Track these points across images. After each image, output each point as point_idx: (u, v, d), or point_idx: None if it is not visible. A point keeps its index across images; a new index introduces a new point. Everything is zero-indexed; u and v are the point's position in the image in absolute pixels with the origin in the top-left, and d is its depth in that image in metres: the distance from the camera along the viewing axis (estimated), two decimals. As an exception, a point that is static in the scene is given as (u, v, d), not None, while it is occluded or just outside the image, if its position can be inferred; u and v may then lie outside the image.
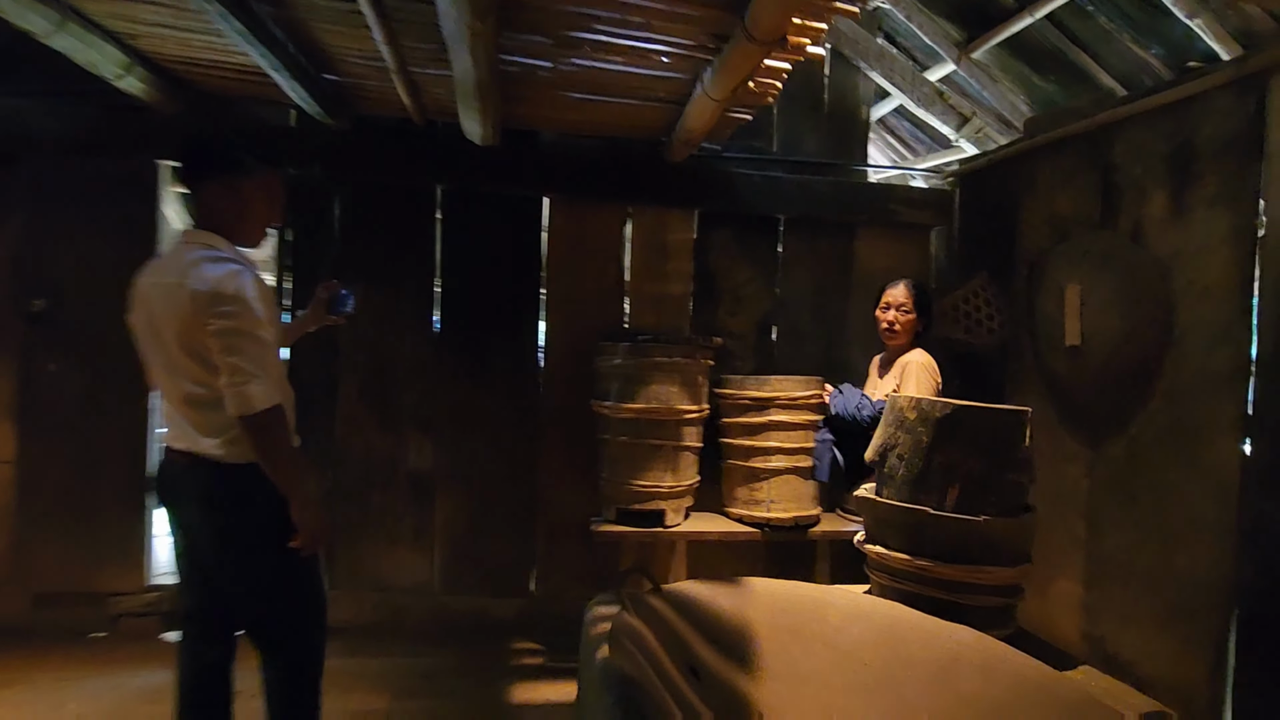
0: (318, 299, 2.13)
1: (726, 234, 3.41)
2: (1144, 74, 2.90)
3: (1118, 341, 2.36)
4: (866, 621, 1.65)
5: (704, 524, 2.99)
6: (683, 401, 2.86)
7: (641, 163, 3.28)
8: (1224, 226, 2.14)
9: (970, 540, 1.75)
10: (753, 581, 1.75)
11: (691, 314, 3.39)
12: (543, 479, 3.31)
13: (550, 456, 3.30)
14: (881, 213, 3.39)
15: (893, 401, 1.95)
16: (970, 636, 1.59)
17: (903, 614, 1.71)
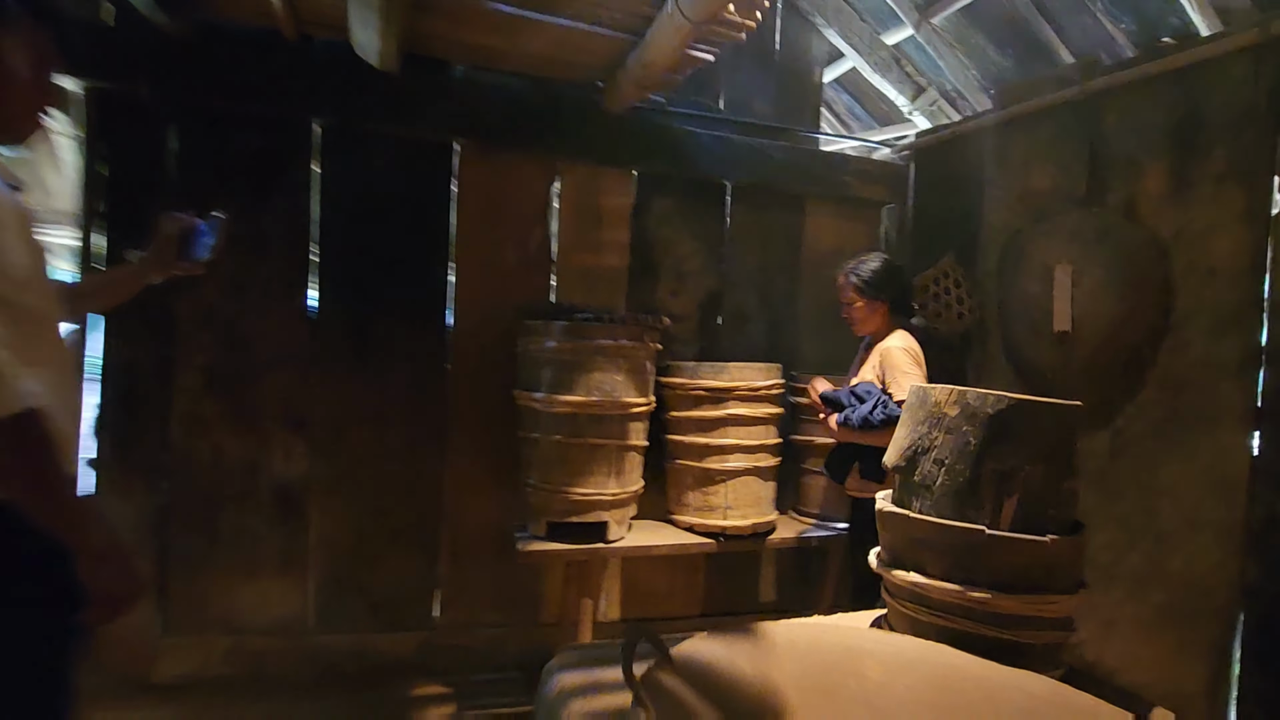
0: (162, 236, 1.47)
1: (668, 201, 2.98)
2: (1105, 52, 2.78)
3: (1112, 327, 2.18)
4: (913, 673, 1.30)
5: (650, 535, 2.56)
6: (629, 393, 2.41)
7: (575, 110, 2.77)
8: (1235, 205, 1.98)
9: (1032, 565, 1.44)
10: (772, 630, 1.36)
11: (627, 291, 2.93)
12: (449, 486, 2.73)
13: (459, 458, 2.73)
14: (834, 185, 3.10)
15: (922, 394, 1.60)
16: (1044, 687, 1.28)
17: (955, 660, 1.37)
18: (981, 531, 1.44)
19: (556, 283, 2.85)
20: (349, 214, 2.60)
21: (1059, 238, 2.33)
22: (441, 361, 2.73)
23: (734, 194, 3.06)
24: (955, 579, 1.46)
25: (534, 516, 2.43)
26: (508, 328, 2.69)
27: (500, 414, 2.68)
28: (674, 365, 2.63)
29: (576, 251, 2.87)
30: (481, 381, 2.72)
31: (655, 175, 2.94)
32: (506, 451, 2.70)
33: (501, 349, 2.70)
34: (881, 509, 1.59)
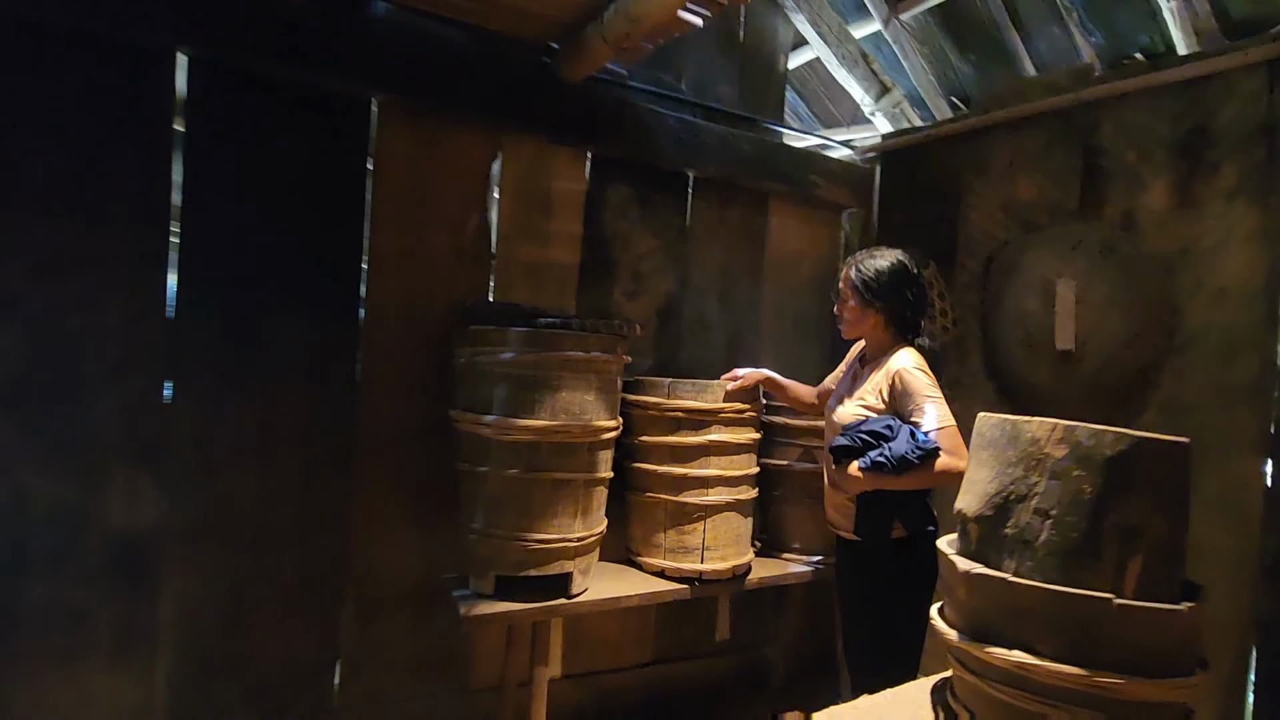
0: None
1: (626, 190, 2.59)
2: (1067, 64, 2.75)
3: (1117, 347, 2.07)
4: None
5: (615, 584, 2.15)
6: (600, 414, 1.99)
7: (524, 74, 2.31)
8: (1247, 223, 1.92)
9: (1162, 640, 1.21)
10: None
11: (578, 291, 2.51)
12: (357, 529, 2.16)
13: (371, 495, 2.17)
14: (800, 184, 2.85)
15: (1011, 429, 1.34)
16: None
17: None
18: (1109, 601, 1.18)
19: (495, 279, 2.37)
20: (226, 180, 1.98)
21: (1058, 250, 2.21)
22: (349, 372, 2.16)
23: (696, 187, 2.72)
24: (1073, 659, 1.19)
25: (478, 569, 1.95)
26: (440, 333, 2.18)
27: (427, 439, 2.18)
28: (644, 382, 2.24)
29: (520, 243, 2.40)
30: (403, 399, 2.19)
31: (613, 159, 2.54)
32: (435, 486, 2.19)
33: (430, 359, 2.19)
34: (969, 570, 1.30)
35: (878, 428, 1.82)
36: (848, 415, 1.94)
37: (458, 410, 1.98)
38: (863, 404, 1.95)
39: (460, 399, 2.01)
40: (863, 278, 1.98)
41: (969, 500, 1.37)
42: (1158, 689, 1.17)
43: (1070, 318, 2.11)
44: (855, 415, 1.92)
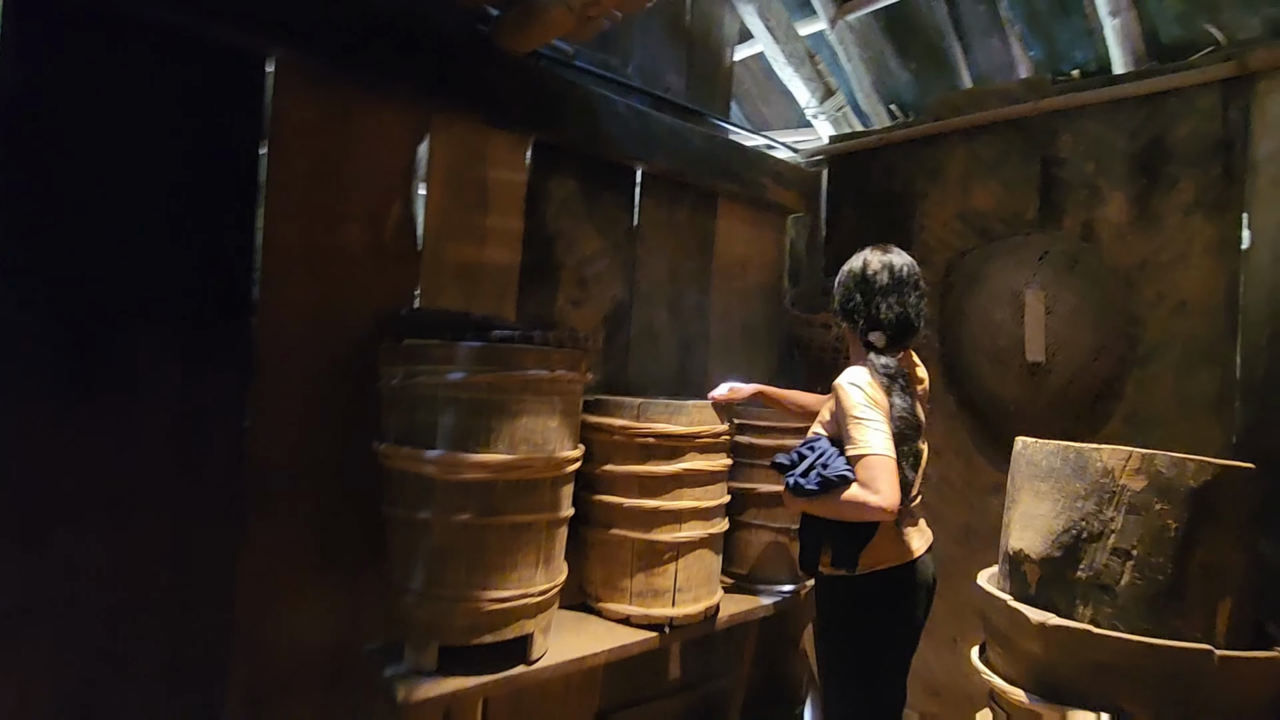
0: None
1: (571, 184, 2.30)
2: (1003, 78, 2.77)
3: (1086, 358, 2.05)
4: None
5: (576, 640, 1.84)
6: (564, 443, 1.69)
7: (459, 42, 1.96)
8: (1205, 237, 1.95)
9: (1263, 693, 1.11)
10: None
11: (518, 298, 2.18)
12: (247, 592, 1.72)
13: (266, 554, 1.74)
14: (750, 185, 2.68)
15: (1077, 458, 1.20)
16: None
17: None
18: (1209, 653, 1.06)
19: (422, 282, 2.00)
20: (63, 153, 1.49)
21: (1024, 260, 2.18)
22: (237, 400, 1.71)
23: (644, 183, 2.48)
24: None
25: (418, 639, 1.58)
26: (358, 348, 1.79)
27: (340, 480, 1.78)
28: (608, 402, 1.96)
29: (452, 240, 2.05)
30: (308, 431, 1.78)
31: (557, 147, 2.24)
32: (351, 536, 1.80)
33: (344, 380, 1.80)
34: (1044, 622, 1.15)
35: (803, 447, 1.66)
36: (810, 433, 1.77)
37: (388, 444, 1.61)
38: (821, 423, 1.74)
39: (390, 430, 1.63)
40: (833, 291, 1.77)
41: (1030, 539, 1.22)
42: None
43: (1040, 329, 2.07)
44: (812, 433, 1.74)
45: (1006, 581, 1.29)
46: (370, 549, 1.77)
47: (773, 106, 3.42)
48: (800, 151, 2.91)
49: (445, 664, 1.59)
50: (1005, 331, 2.16)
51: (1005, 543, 1.31)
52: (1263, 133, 1.87)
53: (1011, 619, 1.19)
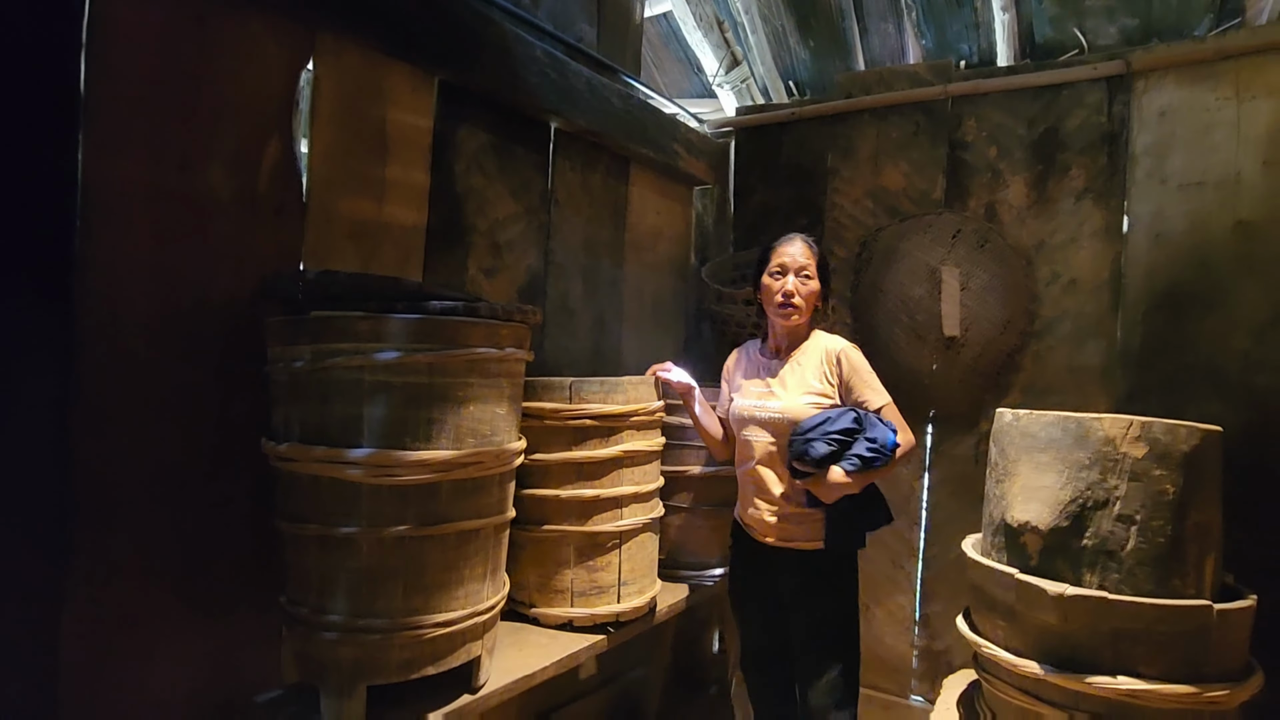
0: None
1: (482, 135, 2.00)
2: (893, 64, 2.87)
3: (993, 332, 2.18)
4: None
5: (516, 655, 1.62)
6: (512, 434, 1.46)
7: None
8: (1093, 221, 2.13)
9: (1244, 639, 1.17)
10: None
11: (425, 263, 1.87)
12: (77, 638, 1.30)
13: (100, 593, 1.32)
14: (664, 152, 2.54)
15: (1078, 428, 1.20)
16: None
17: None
18: (1210, 609, 1.11)
19: (308, 242, 1.62)
20: None
21: (939, 239, 2.25)
22: (54, 392, 1.27)
23: (559, 142, 2.24)
24: (1179, 677, 1.10)
25: (339, 681, 1.28)
26: (226, 323, 1.42)
27: (205, 490, 1.40)
28: (536, 384, 1.74)
29: (345, 192, 1.69)
30: (159, 432, 1.37)
31: (467, 91, 1.93)
32: (221, 561, 1.43)
33: (207, 364, 1.42)
34: (1062, 594, 1.14)
35: (846, 424, 1.62)
36: (798, 408, 1.73)
37: (290, 444, 1.27)
38: (813, 393, 1.76)
39: (291, 425, 1.29)
40: (823, 258, 1.82)
41: (1037, 510, 1.22)
42: (1250, 688, 1.14)
43: (956, 305, 2.16)
44: (809, 407, 1.73)
45: (1000, 554, 1.29)
46: (251, 576, 1.42)
47: (669, 74, 3.30)
48: (707, 122, 2.82)
49: (374, 706, 1.30)
50: (923, 307, 2.23)
51: (999, 514, 1.31)
52: (1140, 128, 2.08)
53: (1020, 591, 1.18)
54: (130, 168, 1.34)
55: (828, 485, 1.61)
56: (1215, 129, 1.98)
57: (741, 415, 1.85)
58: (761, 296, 1.87)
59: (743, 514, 1.89)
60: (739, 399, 1.88)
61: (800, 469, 1.66)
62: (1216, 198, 1.96)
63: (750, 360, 1.95)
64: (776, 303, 1.82)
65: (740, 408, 1.86)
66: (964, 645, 2.29)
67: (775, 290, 1.82)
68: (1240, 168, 1.94)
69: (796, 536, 1.76)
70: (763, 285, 1.86)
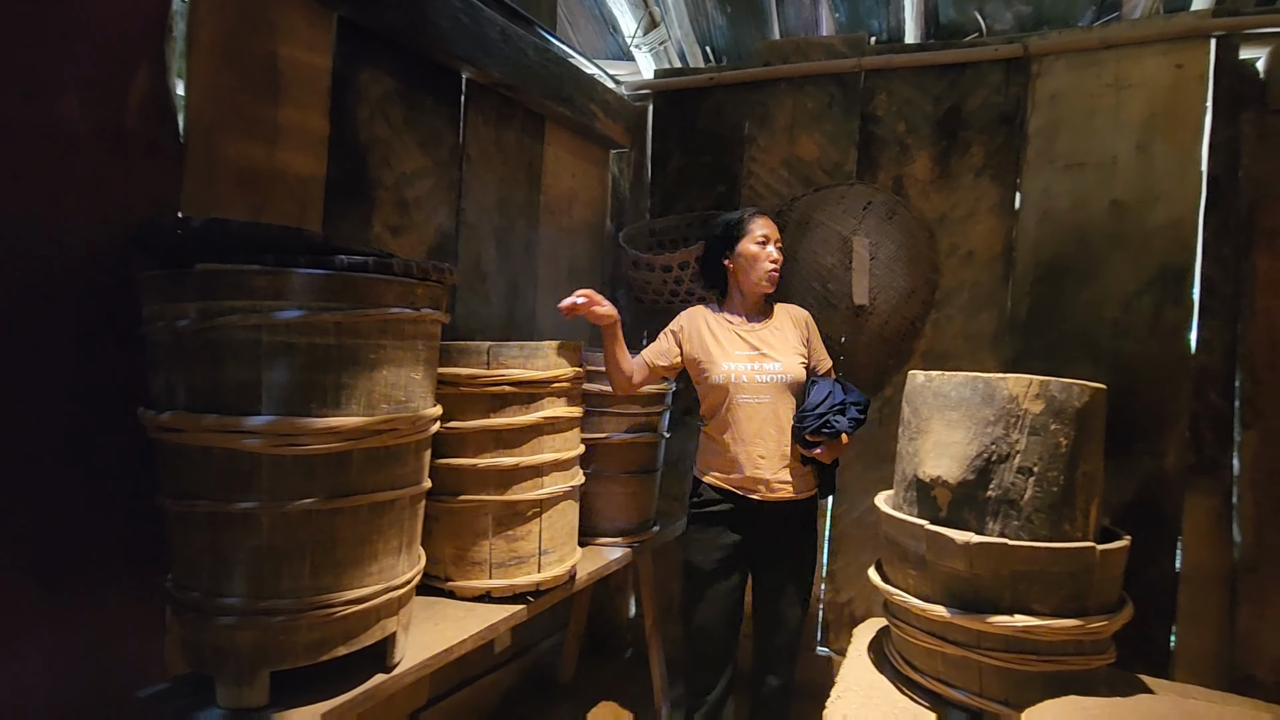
0: None
1: (387, 81, 1.86)
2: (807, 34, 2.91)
3: (899, 300, 2.27)
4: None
5: (433, 629, 1.56)
6: (428, 399, 1.38)
7: None
8: (990, 197, 2.26)
9: (1118, 576, 1.28)
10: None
11: (324, 217, 1.72)
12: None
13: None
14: (581, 111, 2.45)
15: (986, 387, 1.27)
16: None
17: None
18: (1093, 550, 1.21)
19: (188, 187, 1.45)
20: None
21: (851, 209, 2.31)
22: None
23: (470, 94, 2.11)
24: (1067, 612, 1.20)
25: (239, 668, 1.17)
26: (84, 276, 1.25)
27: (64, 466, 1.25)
28: (452, 348, 1.65)
29: (230, 134, 1.52)
30: (10, 401, 1.19)
31: (370, 31, 1.78)
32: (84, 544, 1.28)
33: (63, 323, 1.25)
34: (969, 542, 1.21)
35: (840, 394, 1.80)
36: (795, 368, 1.87)
37: (174, 412, 1.14)
38: (799, 355, 1.92)
39: (175, 391, 1.15)
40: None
41: (947, 465, 1.28)
42: (1122, 619, 1.26)
43: (866, 274, 2.24)
44: (800, 368, 1.89)
45: (912, 507, 1.36)
46: (124, 561, 1.28)
47: (584, 33, 3.19)
48: (624, 84, 2.75)
49: (278, 692, 1.21)
50: (835, 276, 2.30)
51: (911, 471, 1.37)
52: (1034, 110, 2.21)
53: (931, 541, 1.25)
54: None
55: (839, 449, 1.79)
56: (1097, 114, 2.14)
57: (736, 380, 1.85)
58: (737, 264, 1.92)
59: (733, 477, 1.87)
60: (727, 364, 1.87)
61: (813, 439, 1.76)
62: (1095, 178, 2.13)
63: (720, 325, 1.93)
64: (766, 269, 1.89)
65: (734, 371, 1.85)
66: (866, 597, 2.43)
67: (764, 258, 1.89)
68: (1117, 151, 2.11)
69: (800, 488, 1.85)
70: (747, 254, 1.91)
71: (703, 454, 1.96)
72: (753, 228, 1.90)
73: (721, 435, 1.88)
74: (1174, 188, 2.05)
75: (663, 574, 2.71)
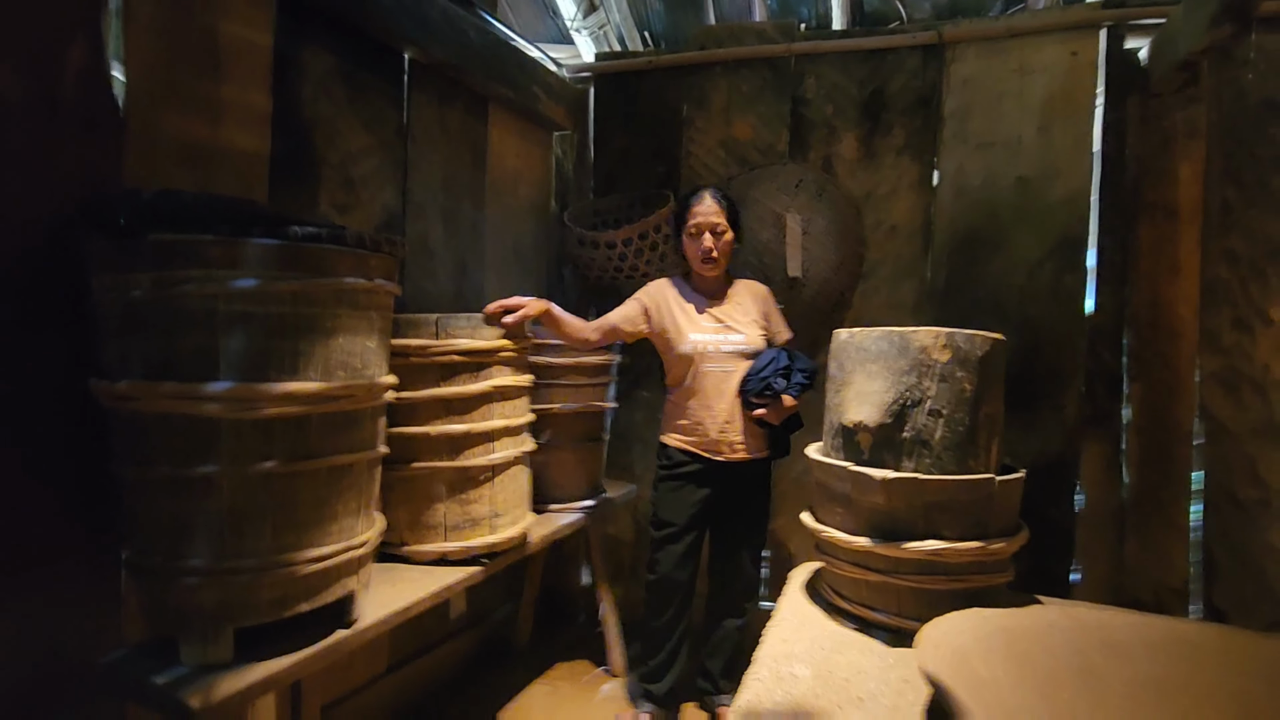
0: None
1: (330, 60, 1.87)
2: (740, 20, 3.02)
3: (829, 273, 2.42)
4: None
5: (394, 590, 1.62)
6: (383, 367, 1.44)
7: None
8: (910, 175, 2.42)
9: (1014, 504, 1.44)
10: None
11: (269, 195, 1.74)
12: None
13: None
14: (523, 93, 2.50)
15: (901, 340, 1.41)
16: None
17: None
18: (991, 481, 1.37)
19: (129, 164, 1.45)
20: None
21: (784, 187, 2.44)
22: None
23: (413, 74, 2.14)
24: (972, 536, 1.36)
25: (204, 626, 1.22)
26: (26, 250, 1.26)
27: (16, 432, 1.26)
28: (401, 320, 1.70)
29: (171, 109, 1.52)
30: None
31: (310, 8, 1.79)
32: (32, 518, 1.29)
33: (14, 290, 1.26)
34: (886, 478, 1.35)
35: (784, 361, 1.94)
36: (757, 339, 2.02)
37: (130, 380, 1.17)
38: (760, 327, 2.05)
39: (130, 360, 1.18)
40: (732, 207, 2.03)
41: (868, 411, 1.42)
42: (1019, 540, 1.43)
43: (798, 248, 2.37)
44: (761, 339, 2.03)
45: (839, 453, 1.50)
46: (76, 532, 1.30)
47: (523, 16, 3.21)
48: (566, 67, 2.81)
49: (241, 649, 1.26)
50: (770, 250, 2.43)
51: (837, 419, 1.51)
52: (948, 93, 2.38)
53: (855, 481, 1.39)
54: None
55: (781, 410, 1.92)
56: (1005, 97, 2.32)
57: (701, 350, 1.99)
58: (685, 251, 2.05)
59: (699, 440, 2.01)
60: (697, 335, 2.01)
61: (758, 401, 1.92)
62: (1004, 156, 2.31)
63: (684, 298, 2.07)
64: (699, 259, 2.01)
65: (700, 342, 1.99)
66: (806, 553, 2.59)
67: (695, 249, 2.01)
68: (1021, 131, 2.29)
69: (754, 449, 2.01)
70: (685, 242, 2.04)
71: (668, 419, 2.09)
72: (688, 218, 2.02)
73: (687, 401, 2.02)
74: (1071, 165, 2.25)
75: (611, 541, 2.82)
